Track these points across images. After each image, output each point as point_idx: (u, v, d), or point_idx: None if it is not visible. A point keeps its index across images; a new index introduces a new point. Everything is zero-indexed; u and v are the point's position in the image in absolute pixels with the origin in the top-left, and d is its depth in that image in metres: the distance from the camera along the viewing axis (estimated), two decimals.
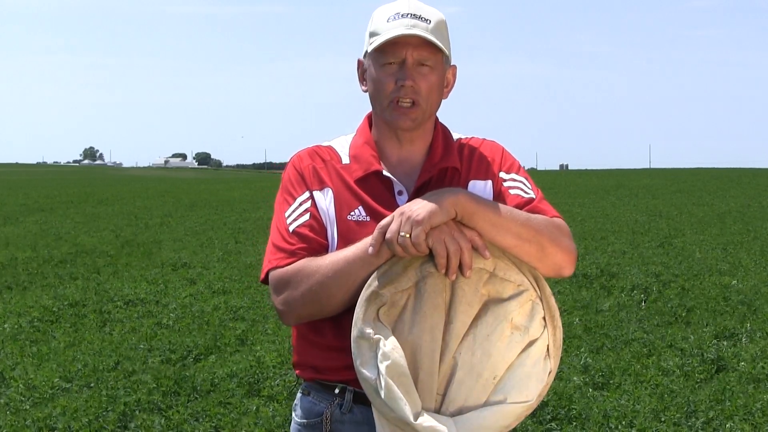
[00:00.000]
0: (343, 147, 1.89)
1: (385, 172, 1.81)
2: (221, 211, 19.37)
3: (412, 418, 1.55)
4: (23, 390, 5.17)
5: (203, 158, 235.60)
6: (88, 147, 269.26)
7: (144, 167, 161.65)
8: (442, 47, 1.76)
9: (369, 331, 1.62)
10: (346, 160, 1.86)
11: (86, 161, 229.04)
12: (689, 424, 4.50)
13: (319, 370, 1.81)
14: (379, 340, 1.60)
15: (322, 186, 1.82)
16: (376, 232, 1.65)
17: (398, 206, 1.75)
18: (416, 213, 1.61)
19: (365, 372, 1.61)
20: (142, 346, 6.17)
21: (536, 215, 1.74)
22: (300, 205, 1.81)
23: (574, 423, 4.49)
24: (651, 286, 8.27)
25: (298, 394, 1.90)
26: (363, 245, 1.67)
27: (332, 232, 1.78)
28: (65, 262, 10.67)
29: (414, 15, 1.76)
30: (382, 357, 1.58)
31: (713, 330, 6.45)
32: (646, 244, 11.81)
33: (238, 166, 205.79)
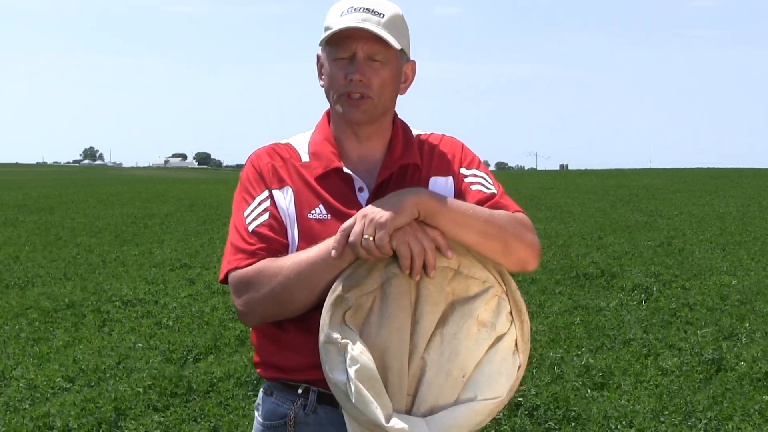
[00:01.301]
0: (302, 144, 1.86)
1: (345, 169, 1.79)
2: (221, 211, 19.35)
3: (383, 421, 1.54)
4: (24, 389, 5.17)
5: (203, 158, 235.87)
6: (88, 147, 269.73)
7: (144, 167, 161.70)
8: (392, 42, 1.72)
9: (336, 335, 1.60)
10: (305, 157, 1.83)
11: (86, 161, 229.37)
12: (689, 424, 4.49)
13: (283, 370, 1.77)
14: (346, 344, 1.59)
15: (281, 185, 1.79)
16: (338, 234, 1.62)
17: (359, 203, 1.74)
18: (379, 215, 1.58)
19: (334, 377, 1.60)
20: (141, 345, 6.17)
21: (499, 211, 1.73)
22: (259, 204, 1.78)
23: (574, 423, 4.49)
24: (651, 286, 8.27)
25: (260, 393, 1.86)
26: (326, 247, 1.64)
27: (293, 231, 1.75)
28: (65, 262, 10.67)
29: (367, 9, 1.73)
30: (351, 361, 1.57)
31: (713, 330, 6.44)
32: (646, 244, 11.80)
33: (238, 166, 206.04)
